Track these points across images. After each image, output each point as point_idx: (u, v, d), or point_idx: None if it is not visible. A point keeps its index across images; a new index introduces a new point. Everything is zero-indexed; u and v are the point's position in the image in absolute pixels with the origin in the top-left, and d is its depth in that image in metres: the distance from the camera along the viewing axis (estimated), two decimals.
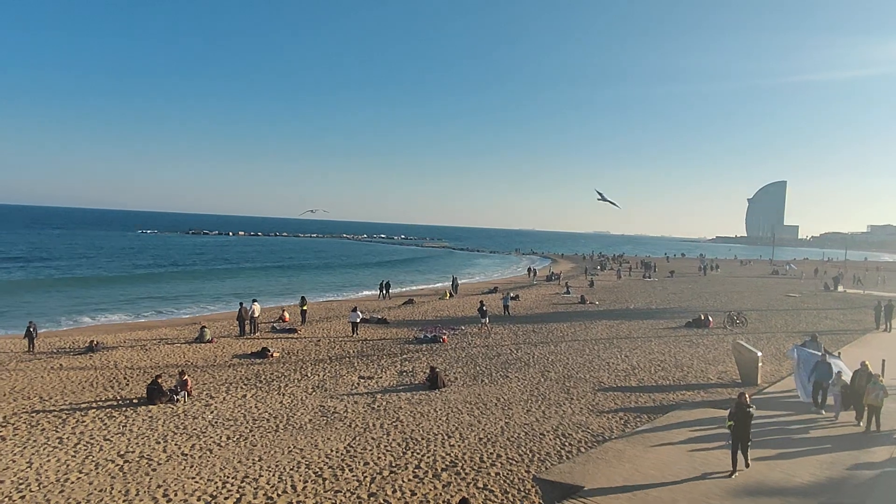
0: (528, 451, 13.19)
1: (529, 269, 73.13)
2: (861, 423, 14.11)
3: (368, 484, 11.48)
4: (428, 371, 19.80)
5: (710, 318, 31.84)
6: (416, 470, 12.19)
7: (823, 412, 15.21)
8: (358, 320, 29.34)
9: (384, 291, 47.65)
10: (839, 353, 19.19)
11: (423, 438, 14.07)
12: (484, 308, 30.85)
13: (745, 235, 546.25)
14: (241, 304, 30.38)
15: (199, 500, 10.75)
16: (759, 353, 19.46)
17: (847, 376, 15.78)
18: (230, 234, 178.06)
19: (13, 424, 14.94)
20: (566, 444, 13.64)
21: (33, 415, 15.78)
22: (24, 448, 13.27)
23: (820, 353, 17.61)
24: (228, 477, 11.78)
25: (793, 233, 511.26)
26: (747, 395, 11.25)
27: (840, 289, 52.56)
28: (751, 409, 11.00)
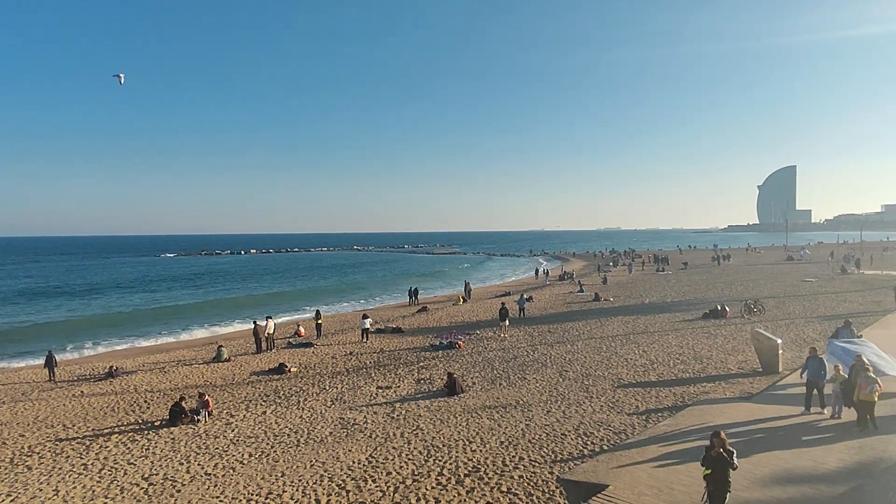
0: (550, 453, 13.10)
1: (537, 271, 73.06)
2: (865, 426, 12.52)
3: (392, 494, 11.45)
4: (445, 378, 19.77)
5: (727, 308, 31.52)
6: (440, 477, 12.14)
7: (812, 411, 13.88)
8: (367, 327, 30.52)
9: (413, 298, 48.94)
10: (861, 335, 18.94)
11: (444, 445, 14.03)
12: (505, 310, 30.85)
13: (758, 223, 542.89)
14: (254, 321, 30.58)
15: None
16: (780, 341, 19.23)
17: (877, 361, 15.38)
18: (241, 252, 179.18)
19: (38, 453, 15.09)
20: (588, 443, 13.54)
21: (57, 443, 15.93)
22: (51, 476, 13.38)
23: (856, 342, 17.28)
24: (252, 494, 11.80)
25: (805, 217, 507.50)
26: (724, 435, 8.89)
27: (857, 270, 51.91)
28: (732, 452, 8.72)
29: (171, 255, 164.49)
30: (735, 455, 8.79)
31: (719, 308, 31.48)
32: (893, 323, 25.64)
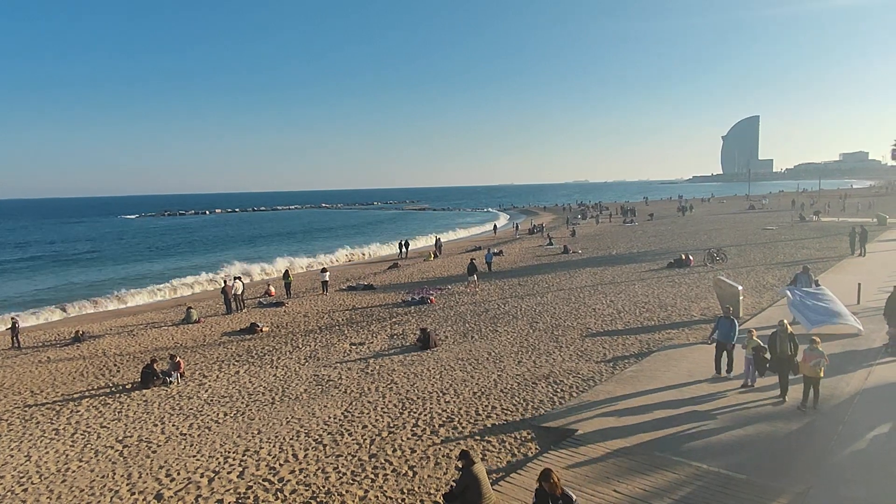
0: (521, 401, 13.48)
1: (495, 227, 72.64)
2: (786, 398, 11.26)
3: (368, 446, 11.69)
4: (419, 332, 19.97)
5: (691, 257, 32.34)
6: (415, 428, 12.42)
7: (723, 374, 12.93)
8: (326, 279, 32.75)
9: (403, 250, 49.99)
10: (817, 281, 19.69)
11: (418, 398, 14.29)
12: (475, 265, 31.07)
13: (721, 173, 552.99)
14: (224, 281, 30.24)
15: (202, 476, 10.87)
16: (741, 287, 19.87)
17: (832, 306, 15.96)
18: (206, 212, 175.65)
19: (6, 420, 14.87)
20: (558, 390, 13.96)
21: (26, 409, 15.70)
22: (21, 442, 13.25)
23: (814, 286, 17.89)
24: (229, 452, 11.91)
25: (767, 167, 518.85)
26: (556, 477, 6.75)
27: (815, 218, 53.61)
28: (570, 499, 6.67)
29: (133, 217, 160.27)
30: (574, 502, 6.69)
31: (683, 257, 32.28)
32: (847, 267, 26.71)
